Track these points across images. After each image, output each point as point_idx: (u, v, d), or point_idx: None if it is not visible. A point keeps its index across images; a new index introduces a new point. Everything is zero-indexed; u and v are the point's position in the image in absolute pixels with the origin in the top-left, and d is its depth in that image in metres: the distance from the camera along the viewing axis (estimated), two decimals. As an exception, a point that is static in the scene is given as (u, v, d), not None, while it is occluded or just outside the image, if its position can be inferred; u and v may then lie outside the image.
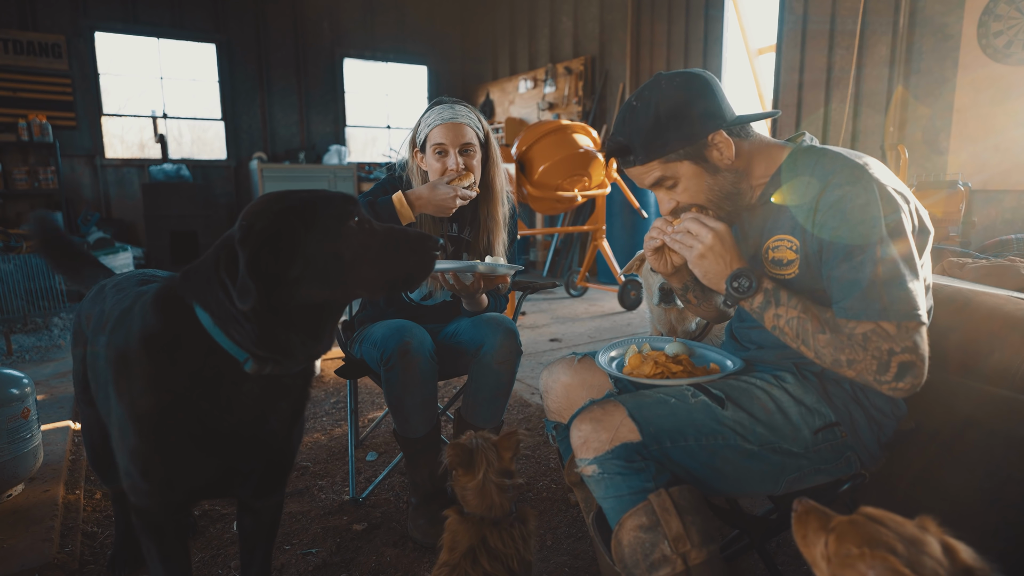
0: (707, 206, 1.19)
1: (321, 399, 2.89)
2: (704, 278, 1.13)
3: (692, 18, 5.45)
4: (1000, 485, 1.19)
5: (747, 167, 1.19)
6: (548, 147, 4.28)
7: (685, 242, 1.13)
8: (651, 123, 1.13)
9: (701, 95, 1.13)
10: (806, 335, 1.06)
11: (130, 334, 1.04)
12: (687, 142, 1.13)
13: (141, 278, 1.35)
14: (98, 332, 1.25)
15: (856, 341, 1.02)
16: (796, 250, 1.13)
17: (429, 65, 8.30)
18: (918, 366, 1.00)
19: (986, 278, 1.75)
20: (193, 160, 7.01)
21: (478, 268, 1.64)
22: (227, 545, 1.71)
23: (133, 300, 1.12)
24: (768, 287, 1.09)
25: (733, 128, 1.15)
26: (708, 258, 1.11)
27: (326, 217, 1.00)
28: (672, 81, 1.14)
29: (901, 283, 1.00)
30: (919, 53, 3.98)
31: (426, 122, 1.79)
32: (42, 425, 2.08)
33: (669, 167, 1.16)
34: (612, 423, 1.08)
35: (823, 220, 1.07)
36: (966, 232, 3.27)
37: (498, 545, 1.17)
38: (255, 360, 0.99)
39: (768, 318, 1.10)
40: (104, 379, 1.11)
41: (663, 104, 1.12)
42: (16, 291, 3.90)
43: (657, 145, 1.13)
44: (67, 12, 6.14)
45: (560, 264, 6.23)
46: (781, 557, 1.61)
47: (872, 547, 0.67)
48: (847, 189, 1.04)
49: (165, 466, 1.04)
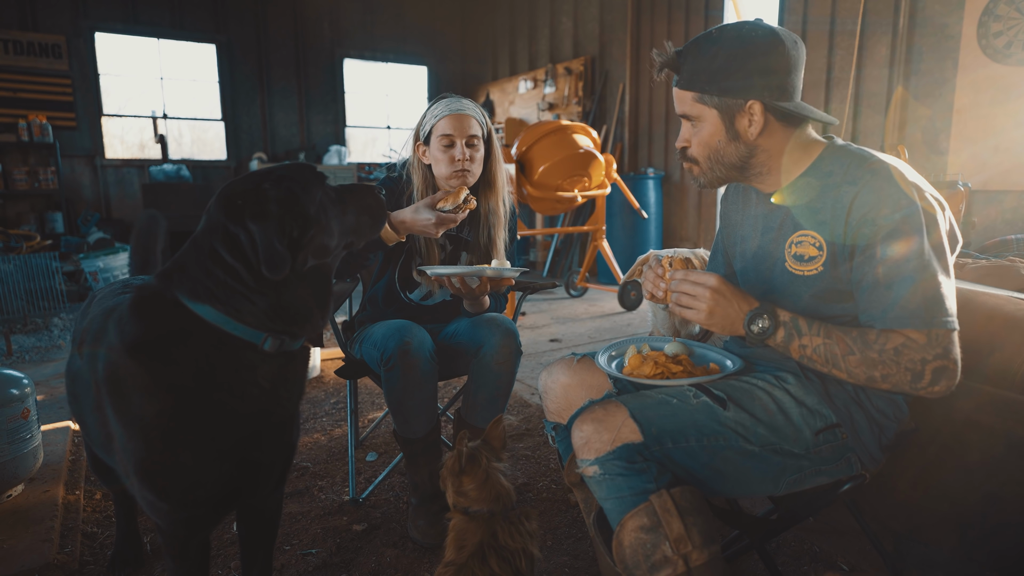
0: (701, 162, 1.19)
1: (321, 399, 2.89)
2: (722, 331, 1.12)
3: (692, 18, 5.45)
4: (1000, 485, 1.19)
5: (774, 151, 1.16)
6: (548, 147, 4.27)
7: (688, 305, 1.12)
8: (709, 56, 1.11)
9: (769, 60, 1.09)
10: (835, 359, 1.05)
11: (114, 348, 1.00)
12: (725, 93, 1.11)
13: (121, 288, 1.32)
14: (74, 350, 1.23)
15: (888, 356, 1.01)
16: (820, 247, 1.12)
17: (429, 65, 8.30)
18: (951, 369, 1.00)
19: (986, 278, 1.75)
20: (193, 160, 7.01)
21: (486, 273, 1.62)
22: (227, 545, 1.71)
23: (105, 314, 1.10)
24: (786, 319, 1.08)
25: (777, 108, 1.12)
26: (716, 313, 1.10)
27: (310, 184, 1.07)
28: (758, 31, 1.10)
29: (935, 290, 1.00)
30: (919, 54, 3.98)
31: (432, 113, 1.77)
32: (42, 425, 2.08)
33: (699, 107, 1.14)
34: (614, 424, 1.07)
35: (857, 223, 1.06)
36: (966, 232, 3.26)
37: (508, 541, 1.17)
38: (273, 336, 1.01)
39: (794, 350, 1.09)
40: (97, 398, 1.06)
41: (734, 48, 1.09)
42: (16, 291, 3.90)
43: (701, 78, 1.12)
44: (67, 13, 6.14)
45: (560, 264, 6.23)
46: (781, 557, 1.61)
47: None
48: (882, 192, 1.03)
49: (182, 478, 1.00)
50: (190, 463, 1.00)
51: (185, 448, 0.99)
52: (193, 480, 1.01)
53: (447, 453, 1.26)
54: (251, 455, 1.06)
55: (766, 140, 1.15)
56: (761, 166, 1.18)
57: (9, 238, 5.56)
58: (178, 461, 0.99)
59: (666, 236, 5.93)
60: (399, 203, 1.85)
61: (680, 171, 5.80)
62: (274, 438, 1.10)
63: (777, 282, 1.20)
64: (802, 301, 1.15)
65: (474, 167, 1.78)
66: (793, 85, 1.13)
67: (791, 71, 1.11)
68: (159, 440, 0.98)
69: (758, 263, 1.25)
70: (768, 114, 1.12)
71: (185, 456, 0.99)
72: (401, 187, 1.88)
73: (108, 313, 1.08)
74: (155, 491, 1.01)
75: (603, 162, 4.40)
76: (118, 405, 1.00)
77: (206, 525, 1.10)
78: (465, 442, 1.25)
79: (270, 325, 1.00)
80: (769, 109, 1.12)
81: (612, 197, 5.21)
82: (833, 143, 1.17)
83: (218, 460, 1.02)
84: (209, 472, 1.02)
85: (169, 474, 1.00)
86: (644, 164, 6.11)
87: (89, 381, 1.08)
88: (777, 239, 1.20)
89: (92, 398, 1.08)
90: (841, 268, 1.10)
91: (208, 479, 1.02)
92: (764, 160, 1.17)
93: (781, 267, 1.18)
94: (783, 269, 1.18)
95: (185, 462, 1.00)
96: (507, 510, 1.20)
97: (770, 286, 1.22)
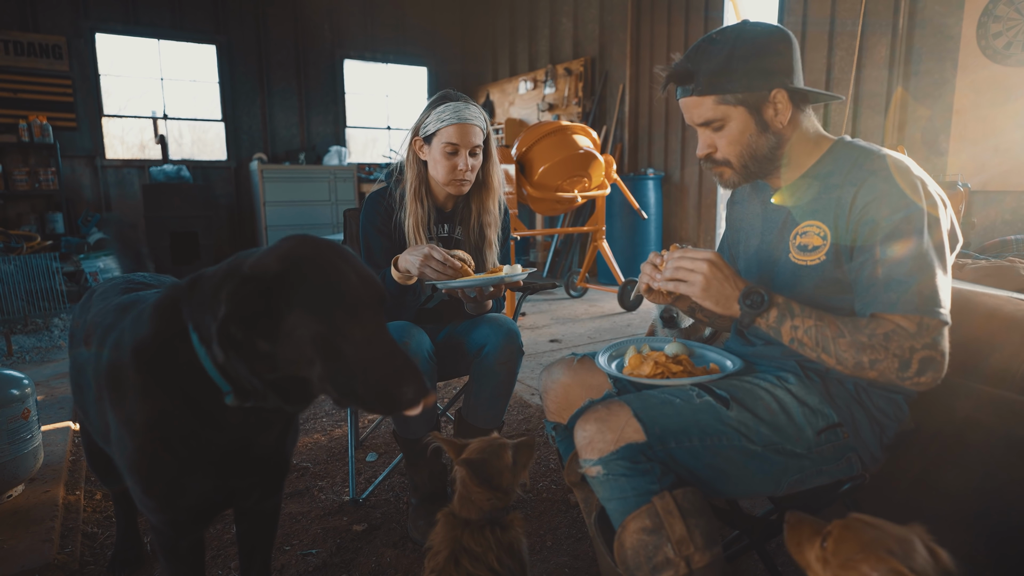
0: (733, 161, 1.18)
1: (321, 399, 2.89)
2: (716, 306, 1.10)
3: (692, 19, 5.46)
4: (1000, 486, 1.19)
5: (796, 139, 1.18)
6: (548, 148, 4.28)
7: (683, 279, 1.11)
8: (724, 57, 1.11)
9: (780, 51, 1.12)
10: (826, 342, 1.05)
11: (122, 344, 1.00)
12: (750, 88, 1.12)
13: (124, 286, 1.32)
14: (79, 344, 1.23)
15: (878, 341, 1.01)
16: (824, 237, 1.12)
17: (429, 66, 8.30)
18: (938, 361, 1.00)
19: (986, 279, 1.76)
20: (193, 161, 7.01)
21: (503, 281, 1.61)
22: (227, 546, 1.71)
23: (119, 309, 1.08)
24: (779, 301, 1.09)
25: (795, 96, 1.14)
26: (712, 286, 1.09)
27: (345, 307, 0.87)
28: (757, 27, 1.13)
29: (931, 285, 1.01)
30: (919, 54, 3.98)
31: (439, 116, 1.75)
32: (42, 426, 2.08)
33: (722, 108, 1.14)
34: (617, 423, 1.07)
35: (857, 221, 1.07)
36: (966, 233, 3.27)
37: (472, 545, 1.15)
38: (236, 395, 0.93)
39: (786, 331, 1.08)
40: (97, 390, 1.07)
41: (742, 44, 1.11)
42: (16, 292, 3.90)
43: (721, 81, 1.12)
44: (68, 13, 6.14)
45: (560, 265, 6.23)
46: (781, 558, 1.61)
47: (872, 549, 0.71)
48: (883, 192, 1.04)
49: (164, 482, 1.00)
50: (174, 471, 1.00)
51: (170, 455, 0.99)
52: (178, 486, 1.01)
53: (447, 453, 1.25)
54: (227, 482, 1.05)
55: (791, 128, 1.17)
56: (786, 157, 1.20)
57: (9, 238, 5.56)
58: (162, 467, 0.99)
59: (666, 236, 5.93)
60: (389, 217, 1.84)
61: (680, 171, 5.80)
62: (245, 469, 1.06)
63: (780, 276, 1.21)
64: (805, 293, 1.16)
65: (472, 174, 1.80)
66: (800, 73, 1.16)
67: (795, 55, 1.15)
68: (147, 443, 0.99)
69: (761, 258, 1.26)
70: (791, 101, 1.14)
71: (170, 464, 0.99)
72: (394, 188, 1.86)
73: (125, 308, 1.08)
74: (143, 489, 1.01)
75: (603, 163, 4.40)
76: (115, 400, 1.01)
77: (195, 528, 1.10)
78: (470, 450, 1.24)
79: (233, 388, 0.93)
80: (791, 95, 1.14)
81: (612, 198, 5.22)
82: (842, 140, 1.18)
83: (196, 478, 1.01)
84: (192, 483, 1.01)
85: (155, 476, 1.00)
86: (644, 165, 6.11)
87: (95, 372, 1.09)
88: (781, 234, 1.21)
89: (96, 389, 1.09)
90: (843, 264, 1.11)
91: (192, 488, 1.02)
92: (788, 151, 1.19)
93: (785, 259, 1.19)
94: (786, 261, 1.18)
95: (170, 470, 1.00)
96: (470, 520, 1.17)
97: (773, 281, 1.22)
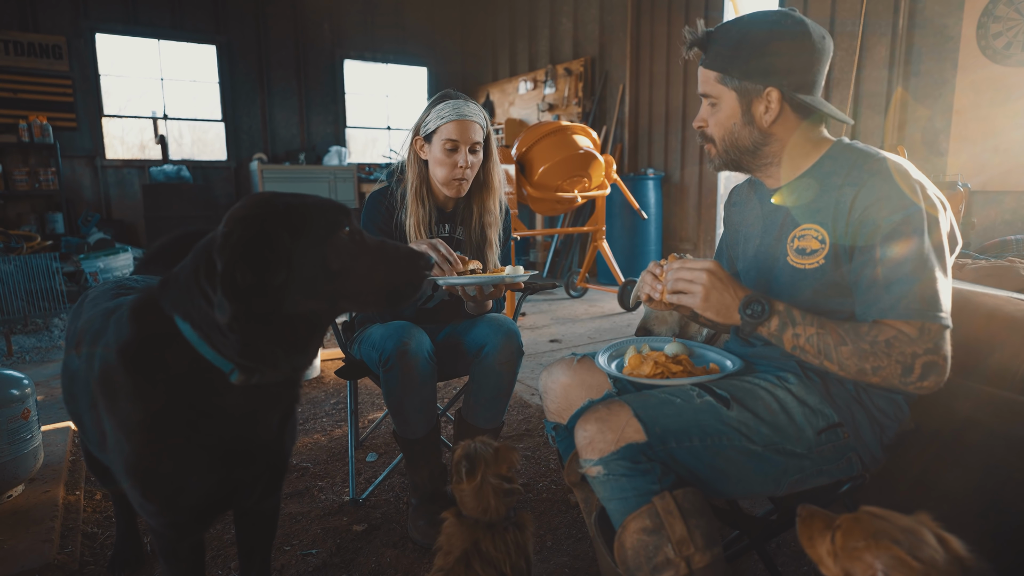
0: (717, 142, 1.20)
1: (321, 400, 2.89)
2: (717, 316, 1.10)
3: (692, 19, 5.45)
4: (1000, 485, 1.19)
5: (786, 141, 1.17)
6: (548, 148, 4.28)
7: (683, 291, 1.11)
8: (736, 38, 1.12)
9: (793, 49, 1.11)
10: (828, 349, 1.05)
11: (108, 348, 1.00)
12: (745, 77, 1.12)
13: (116, 290, 1.31)
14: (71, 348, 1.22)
15: (880, 348, 1.01)
16: (823, 240, 1.12)
17: (429, 66, 8.31)
18: (941, 365, 1.00)
19: (986, 279, 1.76)
20: (193, 161, 7.01)
21: (504, 280, 1.62)
22: (227, 546, 1.71)
23: (105, 314, 1.09)
24: (780, 308, 1.08)
25: (795, 100, 1.13)
26: (712, 296, 1.09)
27: (315, 225, 0.96)
28: (786, 20, 1.12)
29: (931, 288, 1.01)
30: (919, 55, 3.99)
31: (439, 114, 1.76)
32: (42, 426, 2.08)
33: (719, 87, 1.16)
34: (618, 423, 1.07)
35: (857, 223, 1.06)
36: (966, 233, 3.27)
37: (490, 549, 1.16)
38: (241, 371, 0.95)
39: (787, 339, 1.08)
40: (91, 397, 1.07)
41: (758, 31, 1.11)
42: (16, 292, 3.89)
43: (724, 59, 1.13)
44: (68, 13, 6.14)
45: (560, 265, 6.23)
46: (781, 558, 1.61)
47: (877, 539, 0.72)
48: (883, 193, 1.04)
49: (164, 482, 1.00)
50: (171, 471, 1.00)
51: (167, 455, 0.99)
52: (176, 486, 1.01)
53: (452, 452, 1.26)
54: (230, 473, 1.05)
55: (780, 129, 1.16)
56: (773, 156, 1.19)
57: (9, 238, 5.56)
58: (161, 467, 0.99)
59: (666, 237, 5.94)
60: (391, 217, 1.84)
61: (680, 172, 5.80)
62: (248, 460, 1.06)
63: (779, 279, 1.20)
64: (804, 296, 1.15)
65: (472, 172, 1.80)
66: (814, 79, 1.14)
67: (814, 64, 1.12)
68: (143, 445, 0.98)
69: (760, 261, 1.25)
70: (785, 103, 1.13)
71: (167, 464, 0.99)
72: (394, 188, 1.87)
73: (110, 313, 1.08)
74: (142, 492, 1.01)
75: (603, 163, 4.40)
76: (109, 405, 1.00)
77: (195, 529, 1.09)
78: (469, 446, 1.25)
79: (237, 359, 0.95)
80: (787, 99, 1.13)
81: (612, 198, 5.22)
82: (840, 142, 1.18)
83: (198, 473, 1.01)
84: (190, 482, 1.01)
85: (153, 478, 1.00)
86: (644, 165, 6.11)
87: (86, 380, 1.08)
88: (779, 236, 1.20)
89: (89, 397, 1.08)
90: (842, 267, 1.10)
91: (190, 488, 1.02)
92: (776, 150, 1.18)
93: (783, 262, 1.19)
94: (785, 264, 1.18)
95: (167, 470, 0.99)
96: (494, 523, 1.19)
97: (772, 284, 1.22)
